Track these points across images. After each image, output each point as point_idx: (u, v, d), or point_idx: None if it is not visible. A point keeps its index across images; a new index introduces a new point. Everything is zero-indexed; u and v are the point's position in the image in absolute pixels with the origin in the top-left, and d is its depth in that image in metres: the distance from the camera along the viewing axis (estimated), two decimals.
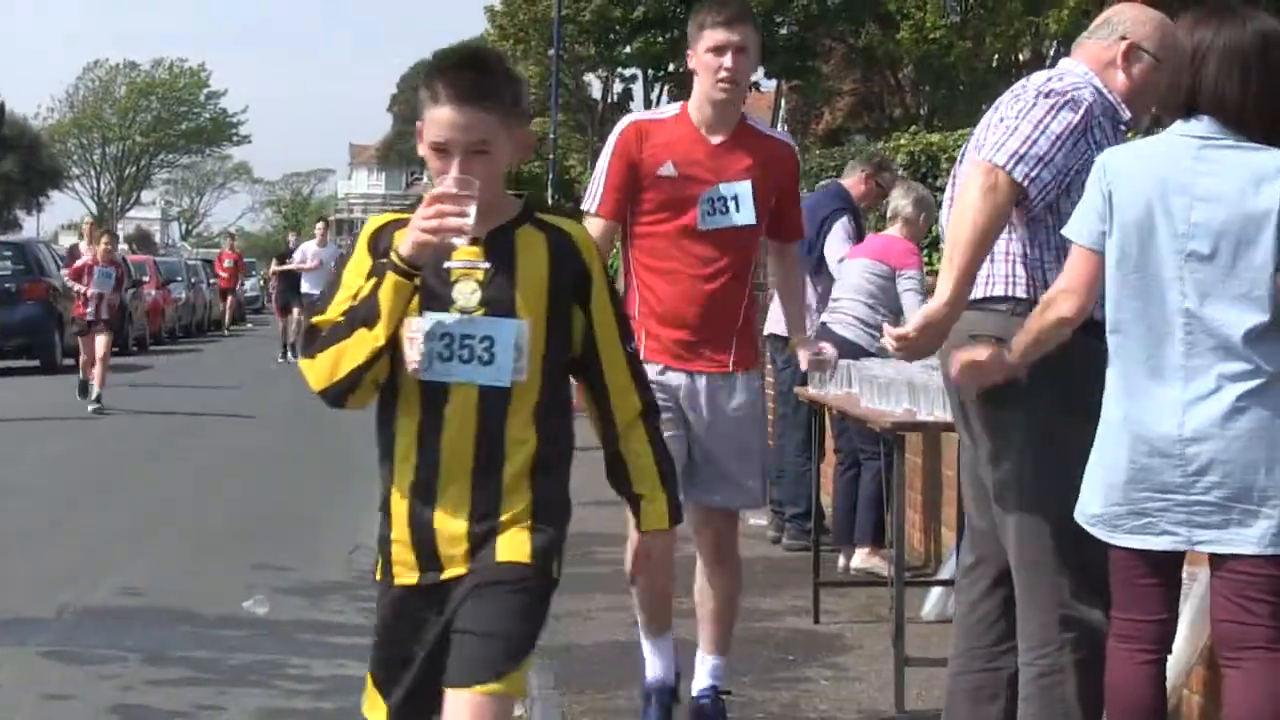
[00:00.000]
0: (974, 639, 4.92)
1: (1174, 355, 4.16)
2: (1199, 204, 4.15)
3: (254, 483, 11.81)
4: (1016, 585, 4.69)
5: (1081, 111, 4.51)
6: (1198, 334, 4.15)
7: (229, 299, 42.01)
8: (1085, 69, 4.67)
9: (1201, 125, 4.21)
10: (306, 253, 25.96)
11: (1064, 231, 4.34)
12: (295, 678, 7.01)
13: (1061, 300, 4.29)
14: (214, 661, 7.22)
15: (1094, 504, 4.30)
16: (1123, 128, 4.66)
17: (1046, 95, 4.53)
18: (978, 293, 4.62)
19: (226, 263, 41.46)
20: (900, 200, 8.84)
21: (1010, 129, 4.49)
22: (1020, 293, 4.59)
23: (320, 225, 28.05)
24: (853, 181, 9.56)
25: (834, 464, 8.95)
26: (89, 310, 18.24)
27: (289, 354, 25.72)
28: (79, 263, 19.01)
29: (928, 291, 8.02)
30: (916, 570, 8.61)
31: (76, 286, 18.45)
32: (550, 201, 32.53)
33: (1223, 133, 4.20)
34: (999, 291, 4.63)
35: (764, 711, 6.17)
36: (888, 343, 4.63)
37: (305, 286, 24.65)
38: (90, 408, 17.79)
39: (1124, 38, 4.67)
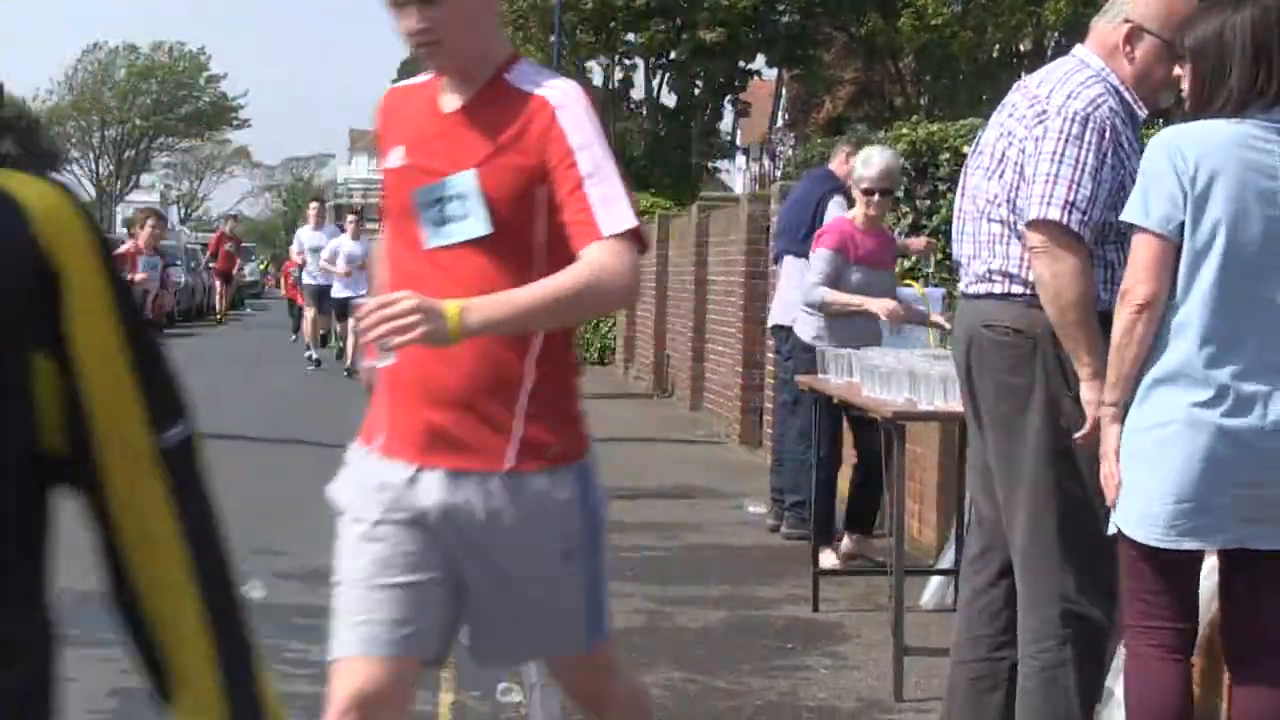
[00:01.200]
0: (977, 628, 4.92)
1: (1257, 345, 4.10)
2: None
3: (248, 468, 11.78)
4: (1019, 578, 4.69)
5: (1108, 132, 4.47)
6: (1272, 319, 4.11)
7: (223, 285, 36.09)
8: (1100, 63, 4.62)
9: (1269, 111, 4.17)
10: (303, 241, 23.29)
11: (1128, 218, 4.19)
12: (293, 662, 7.00)
13: (1131, 293, 4.13)
14: None
15: (1146, 504, 4.16)
16: (1144, 118, 4.65)
17: (1072, 121, 4.47)
18: (997, 288, 4.62)
19: (227, 246, 35.29)
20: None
21: (1052, 176, 4.44)
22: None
23: (314, 206, 24.74)
24: (837, 163, 9.70)
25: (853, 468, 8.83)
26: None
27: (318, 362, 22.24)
28: (123, 248, 16.73)
29: (827, 279, 8.28)
30: (915, 559, 8.61)
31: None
32: None
33: (1271, 117, 4.17)
34: (1018, 289, 4.59)
35: (763, 699, 6.17)
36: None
37: (338, 290, 21.39)
38: None
39: (1127, 20, 4.63)
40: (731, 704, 6.03)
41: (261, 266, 58.82)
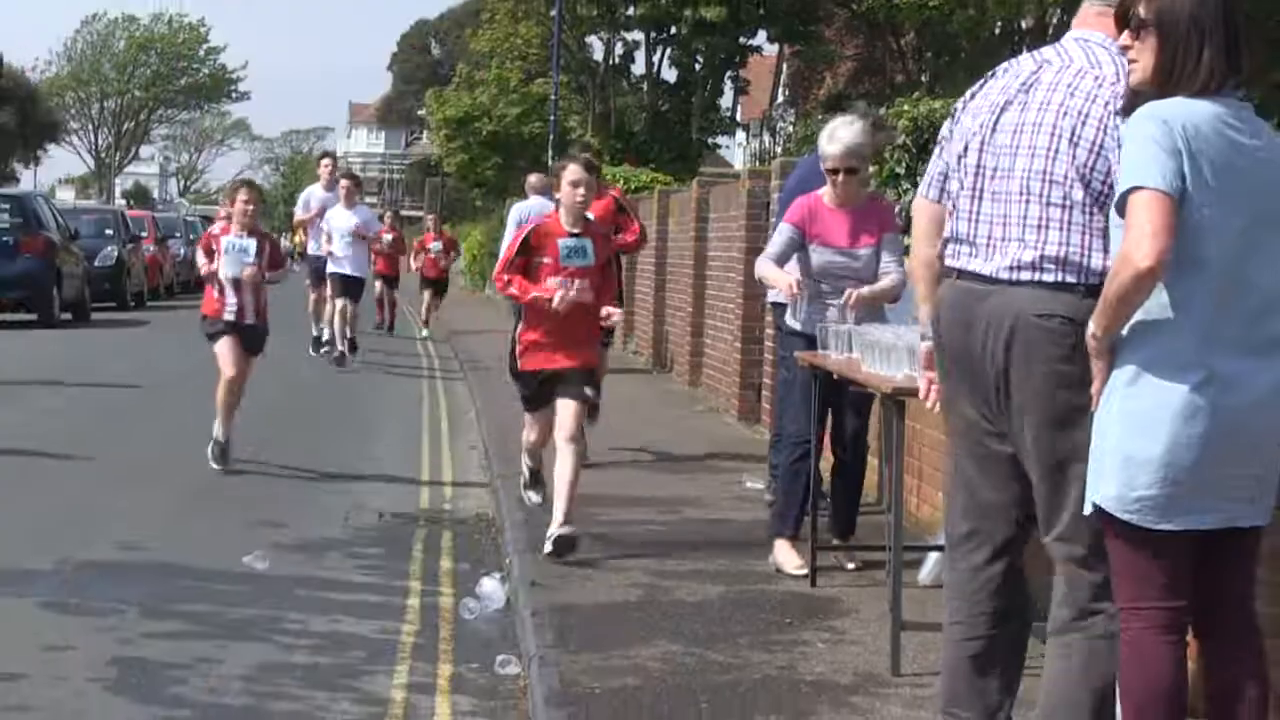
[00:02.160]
0: (977, 606, 4.91)
1: (1244, 322, 4.12)
2: (1259, 166, 4.14)
3: (250, 440, 11.79)
4: (1064, 556, 4.56)
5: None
6: (1267, 298, 4.13)
7: None
8: (1111, 42, 4.61)
9: (1237, 90, 4.20)
10: (312, 200, 19.75)
11: (1134, 180, 4.07)
12: (293, 633, 7.03)
13: (1137, 253, 4.01)
14: (212, 615, 7.24)
15: (1141, 486, 4.16)
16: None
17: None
18: (1048, 276, 4.53)
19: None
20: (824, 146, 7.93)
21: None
22: (1096, 267, 4.46)
23: (327, 163, 20.98)
24: None
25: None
26: (228, 304, 11.43)
27: (333, 349, 19.07)
28: (212, 229, 12.38)
29: (775, 254, 7.82)
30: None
31: (202, 263, 11.83)
32: (550, 163, 32.51)
33: (1241, 95, 4.21)
34: (1072, 278, 4.51)
35: (760, 673, 6.19)
36: None
37: (333, 267, 18.92)
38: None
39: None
40: (729, 678, 6.05)
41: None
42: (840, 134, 7.79)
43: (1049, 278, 4.53)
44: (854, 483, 8.26)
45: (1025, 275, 4.56)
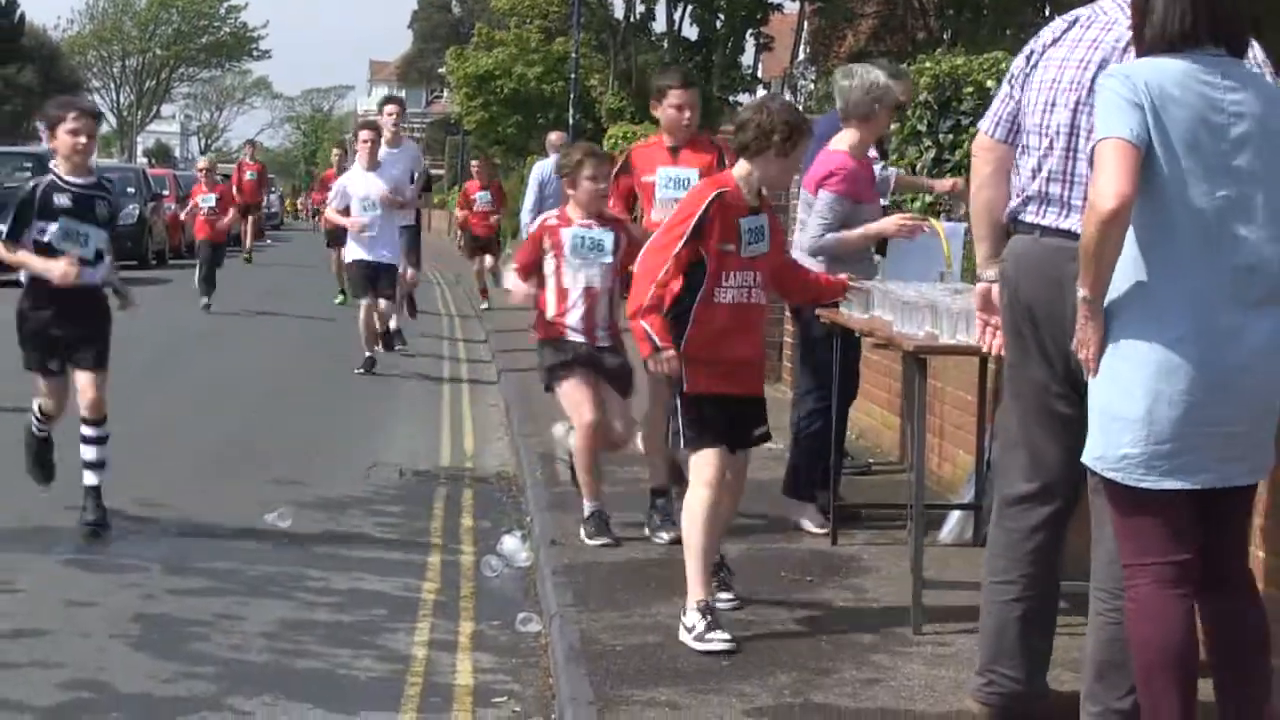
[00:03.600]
0: (1028, 566, 4.91)
1: (1231, 280, 4.10)
2: (1235, 120, 4.13)
3: (269, 399, 11.82)
4: (1104, 523, 4.62)
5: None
6: (1245, 254, 4.11)
7: (250, 216, 31.39)
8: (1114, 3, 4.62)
9: (1215, 46, 4.19)
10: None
11: (1099, 134, 4.13)
12: (315, 590, 7.05)
13: (1099, 199, 4.06)
14: (234, 572, 7.26)
15: (1124, 445, 4.18)
16: None
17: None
18: (1073, 223, 4.57)
19: (248, 174, 31.46)
20: (845, 94, 7.81)
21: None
22: None
23: (391, 109, 15.55)
24: None
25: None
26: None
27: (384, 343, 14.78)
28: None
29: (838, 222, 7.60)
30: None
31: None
32: (571, 121, 32.41)
33: (1225, 52, 4.20)
34: None
35: (783, 629, 6.19)
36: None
37: (356, 251, 14.19)
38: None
39: None
40: (749, 634, 6.05)
41: (281, 199, 58.69)
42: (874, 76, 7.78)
43: (1075, 224, 4.55)
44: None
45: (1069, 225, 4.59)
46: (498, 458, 10.53)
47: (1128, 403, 4.15)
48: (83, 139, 7.85)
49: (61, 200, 7.84)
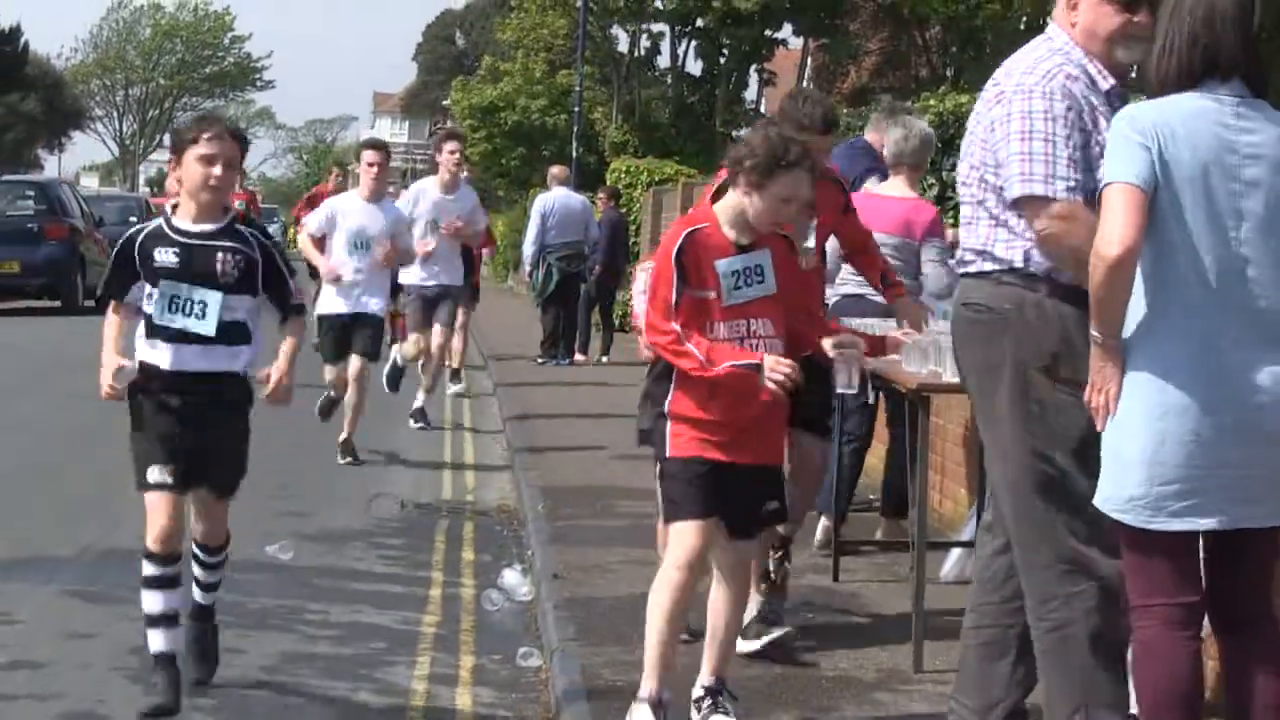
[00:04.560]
0: (985, 595, 4.95)
1: (1236, 320, 4.10)
2: (1249, 162, 4.12)
3: (271, 429, 11.74)
4: (1013, 547, 4.72)
5: (1069, 99, 4.49)
6: (1260, 296, 4.11)
7: None
8: (1064, 36, 4.64)
9: (1231, 85, 4.18)
10: (421, 200, 12.77)
11: (1106, 177, 4.16)
12: (315, 623, 7.04)
13: (1105, 245, 4.06)
14: (235, 605, 7.24)
15: (1130, 486, 4.17)
16: (1110, 89, 4.59)
17: (1028, 97, 4.50)
18: (973, 266, 4.71)
19: (238, 204, 27.95)
20: (902, 143, 8.30)
21: (1025, 154, 4.46)
22: (1004, 255, 4.62)
23: (453, 148, 13.11)
24: (877, 136, 9.40)
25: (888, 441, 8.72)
26: None
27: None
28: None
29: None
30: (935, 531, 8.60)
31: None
32: (574, 154, 32.46)
33: (1246, 91, 4.19)
34: (990, 266, 4.66)
35: (783, 668, 6.17)
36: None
37: (326, 305, 11.40)
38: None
39: None
40: (751, 672, 6.04)
41: (284, 229, 58.79)
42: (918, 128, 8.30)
43: (973, 268, 4.72)
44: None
45: (966, 268, 4.77)
46: (499, 491, 10.52)
47: (1133, 444, 4.15)
48: (217, 170, 5.65)
49: (164, 256, 5.71)
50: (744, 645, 6.04)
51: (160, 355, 5.72)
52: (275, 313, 6.01)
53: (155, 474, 5.70)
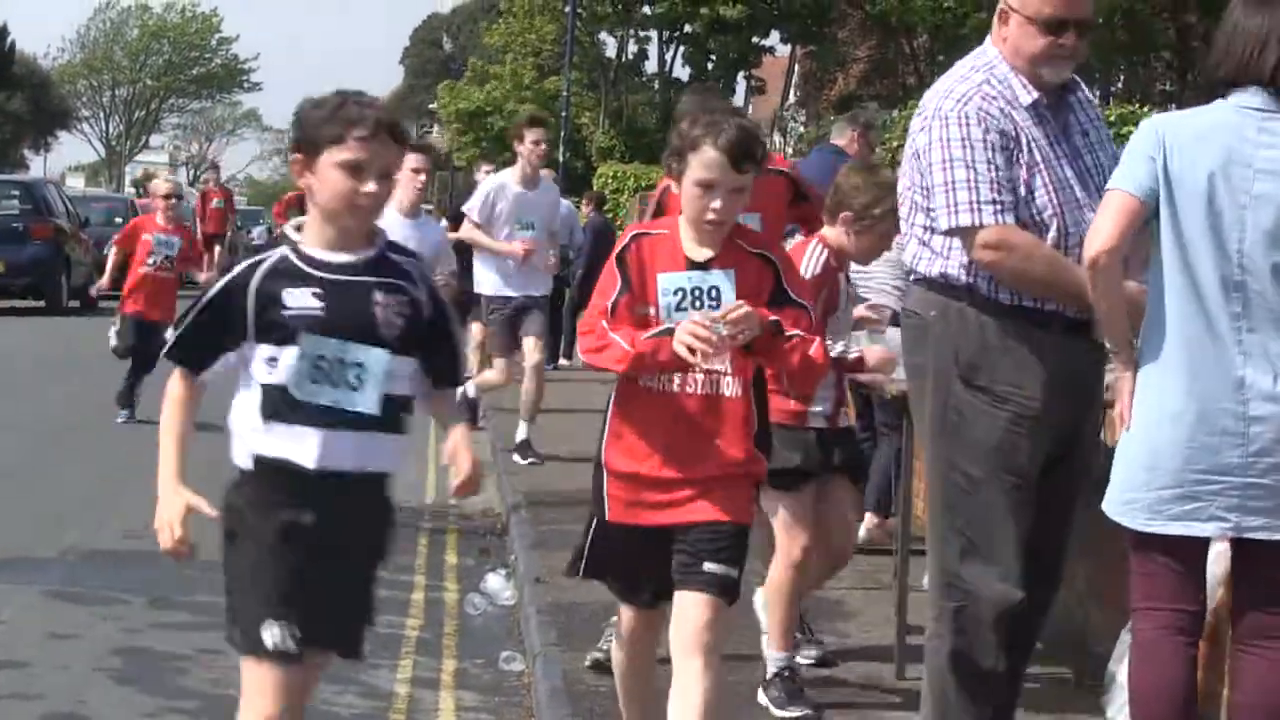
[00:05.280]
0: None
1: (1232, 330, 4.12)
2: (1261, 176, 4.12)
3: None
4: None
5: (984, 121, 4.47)
6: (1257, 308, 4.12)
7: (216, 248, 25.59)
8: (994, 50, 4.64)
9: (1259, 98, 4.17)
10: (499, 198, 10.92)
11: (1110, 182, 4.21)
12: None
13: (1088, 248, 4.13)
14: (216, 605, 7.13)
15: (1128, 489, 4.21)
16: (1034, 101, 4.57)
17: (945, 125, 4.50)
18: (912, 275, 4.76)
19: (215, 202, 27.76)
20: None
21: (950, 184, 4.46)
22: (924, 271, 4.65)
23: (536, 135, 10.98)
24: (846, 141, 9.54)
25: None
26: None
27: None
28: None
29: None
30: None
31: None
32: (561, 159, 32.48)
33: (1275, 105, 4.18)
34: (916, 274, 4.73)
35: (766, 673, 6.17)
36: None
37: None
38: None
39: (1002, 3, 4.65)
40: (733, 679, 6.02)
41: (268, 231, 58.61)
42: None
43: (913, 277, 4.77)
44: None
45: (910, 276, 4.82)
46: (482, 496, 10.50)
47: (1135, 447, 4.20)
48: (370, 186, 3.85)
49: (302, 299, 3.92)
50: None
51: (300, 448, 4.01)
52: (426, 382, 4.11)
53: (275, 635, 3.99)
